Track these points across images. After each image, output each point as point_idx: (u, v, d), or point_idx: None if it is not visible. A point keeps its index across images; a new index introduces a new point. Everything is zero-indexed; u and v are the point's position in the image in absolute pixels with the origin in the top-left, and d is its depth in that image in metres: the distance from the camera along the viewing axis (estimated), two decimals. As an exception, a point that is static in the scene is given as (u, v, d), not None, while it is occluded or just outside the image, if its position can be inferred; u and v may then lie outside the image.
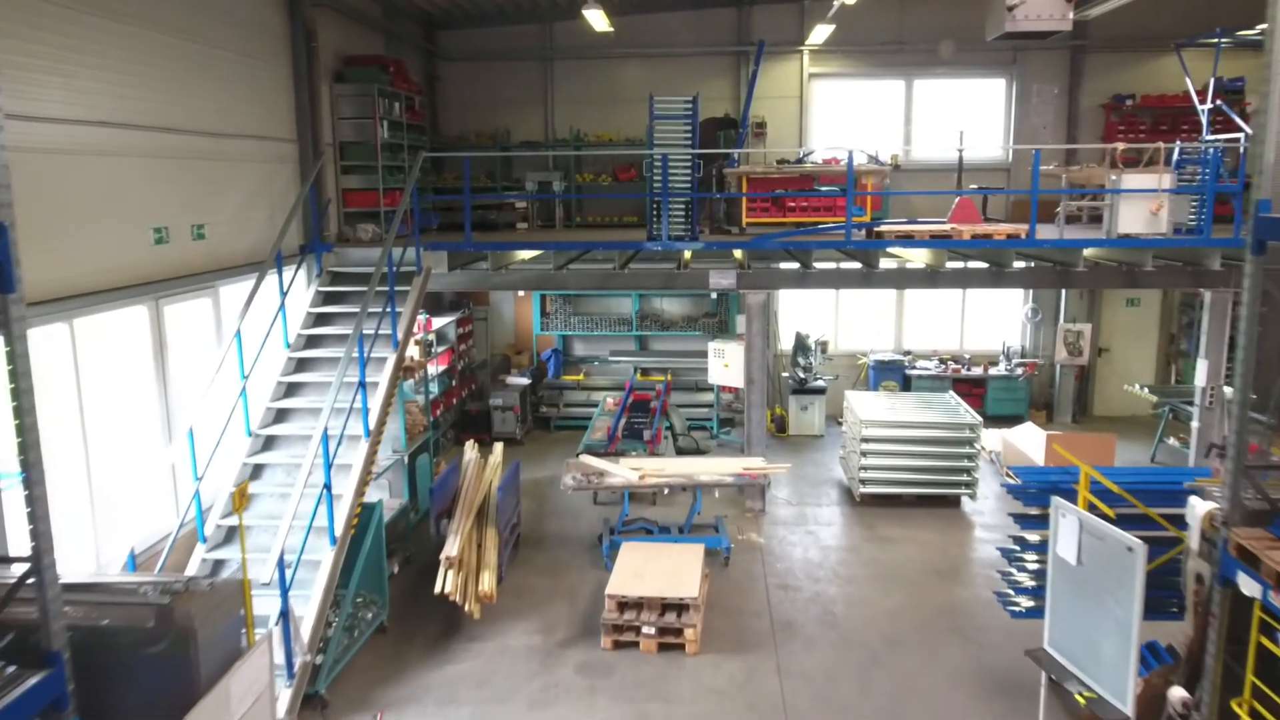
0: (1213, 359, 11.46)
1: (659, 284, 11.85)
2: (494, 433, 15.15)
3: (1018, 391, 15.84)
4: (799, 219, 12.60)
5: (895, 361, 15.92)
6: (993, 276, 11.26)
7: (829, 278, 11.89)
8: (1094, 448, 12.04)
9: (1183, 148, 12.21)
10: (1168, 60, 15.17)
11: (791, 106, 15.68)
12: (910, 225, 11.11)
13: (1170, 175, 10.70)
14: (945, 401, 12.94)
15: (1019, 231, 10.82)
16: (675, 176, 11.03)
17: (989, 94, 15.79)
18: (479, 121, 16.00)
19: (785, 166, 12.82)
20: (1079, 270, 10.95)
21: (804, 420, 15.40)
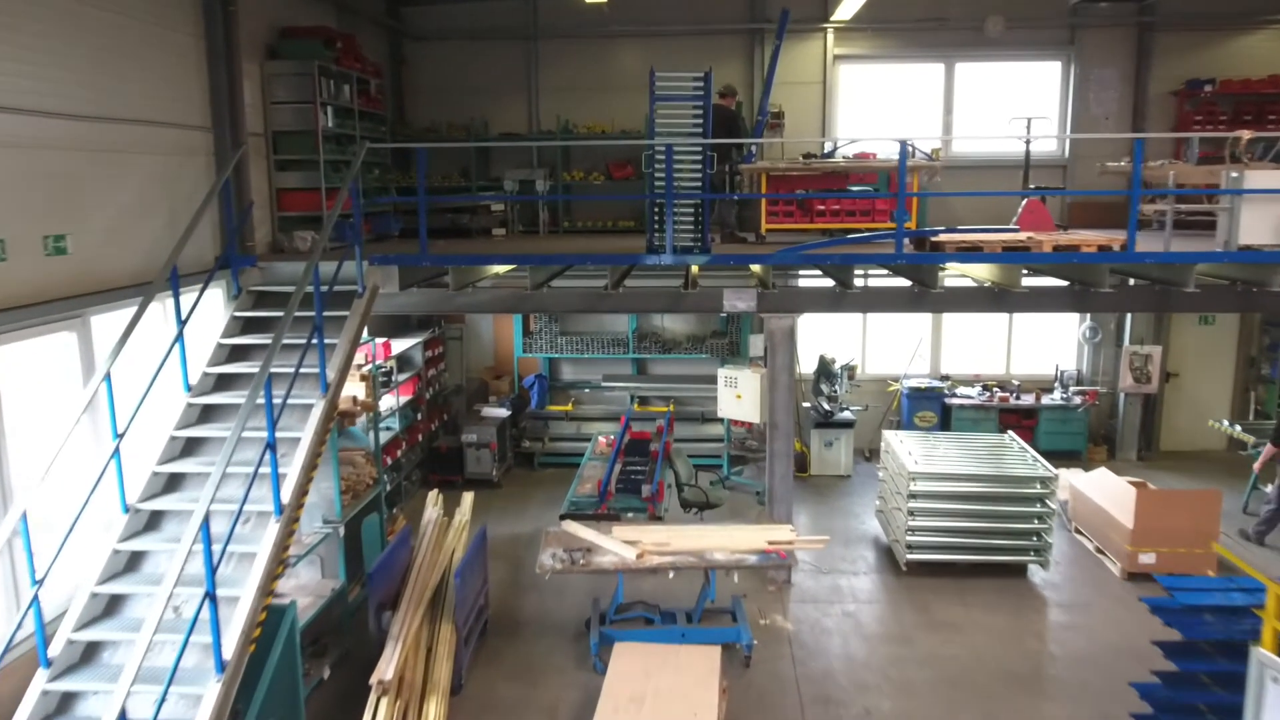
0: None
1: (661, 305, 9.73)
2: (467, 474, 12.97)
3: (1075, 424, 13.65)
4: (829, 224, 10.47)
5: (932, 389, 13.74)
6: (1076, 298, 9.11)
7: (872, 299, 9.72)
8: (1194, 507, 9.89)
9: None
10: (1252, 38, 13.07)
11: (812, 94, 13.50)
12: (977, 234, 8.98)
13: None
14: (1005, 445, 10.77)
15: (1113, 243, 8.69)
16: (681, 173, 8.87)
17: (1043, 79, 13.62)
18: (452, 111, 13.77)
19: (813, 162, 10.69)
20: (1189, 292, 8.80)
21: (828, 458, 13.24)
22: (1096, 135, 13.07)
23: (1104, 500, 10.49)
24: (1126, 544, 9.87)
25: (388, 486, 11.13)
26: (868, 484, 12.97)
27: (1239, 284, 8.98)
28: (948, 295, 9.01)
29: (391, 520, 10.49)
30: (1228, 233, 8.64)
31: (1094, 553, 10.59)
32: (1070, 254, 8.69)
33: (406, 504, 12.09)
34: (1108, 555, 10.34)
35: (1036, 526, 9.77)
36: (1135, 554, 9.82)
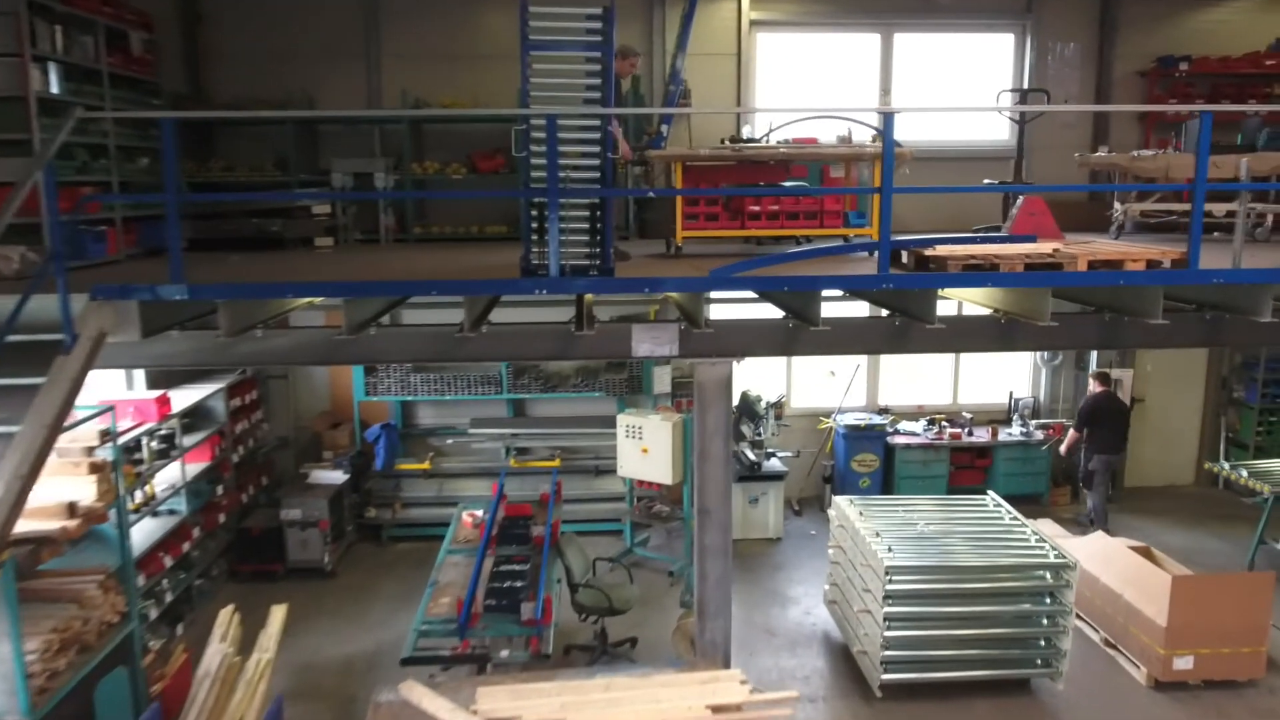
0: None
1: (542, 352, 6.70)
2: (289, 562, 9.69)
3: (1036, 463, 11.32)
4: (766, 231, 7.67)
5: (872, 426, 11.17)
6: (1115, 332, 6.58)
7: (841, 338, 6.91)
8: (1240, 594, 7.53)
9: None
10: (1228, 9, 10.95)
11: (724, 68, 10.71)
12: (988, 245, 6.33)
13: None
14: (990, 512, 8.23)
15: (1166, 257, 6.18)
16: (571, 159, 5.93)
17: (994, 55, 11.20)
18: (267, 83, 10.37)
19: (745, 149, 7.85)
20: (1262, 322, 6.37)
21: (754, 518, 10.48)
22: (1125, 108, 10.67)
23: (1116, 581, 8.02)
24: (1158, 645, 7.42)
25: (149, 615, 7.82)
26: (802, 548, 10.28)
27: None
28: (947, 332, 6.32)
29: (160, 664, 7.15)
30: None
31: (1103, 646, 8.16)
32: (1114, 274, 6.13)
33: (196, 618, 8.70)
34: (1125, 653, 7.87)
35: (1046, 629, 7.25)
36: (1169, 658, 7.39)
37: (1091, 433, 10.41)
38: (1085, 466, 10.60)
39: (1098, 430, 10.37)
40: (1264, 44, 10.61)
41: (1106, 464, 10.41)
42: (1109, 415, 10.38)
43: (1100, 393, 10.45)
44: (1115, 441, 10.39)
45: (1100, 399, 10.41)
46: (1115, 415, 10.41)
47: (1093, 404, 10.42)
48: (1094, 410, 10.40)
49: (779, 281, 6.00)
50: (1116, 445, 10.40)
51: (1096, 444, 10.40)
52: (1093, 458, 10.44)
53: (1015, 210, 7.34)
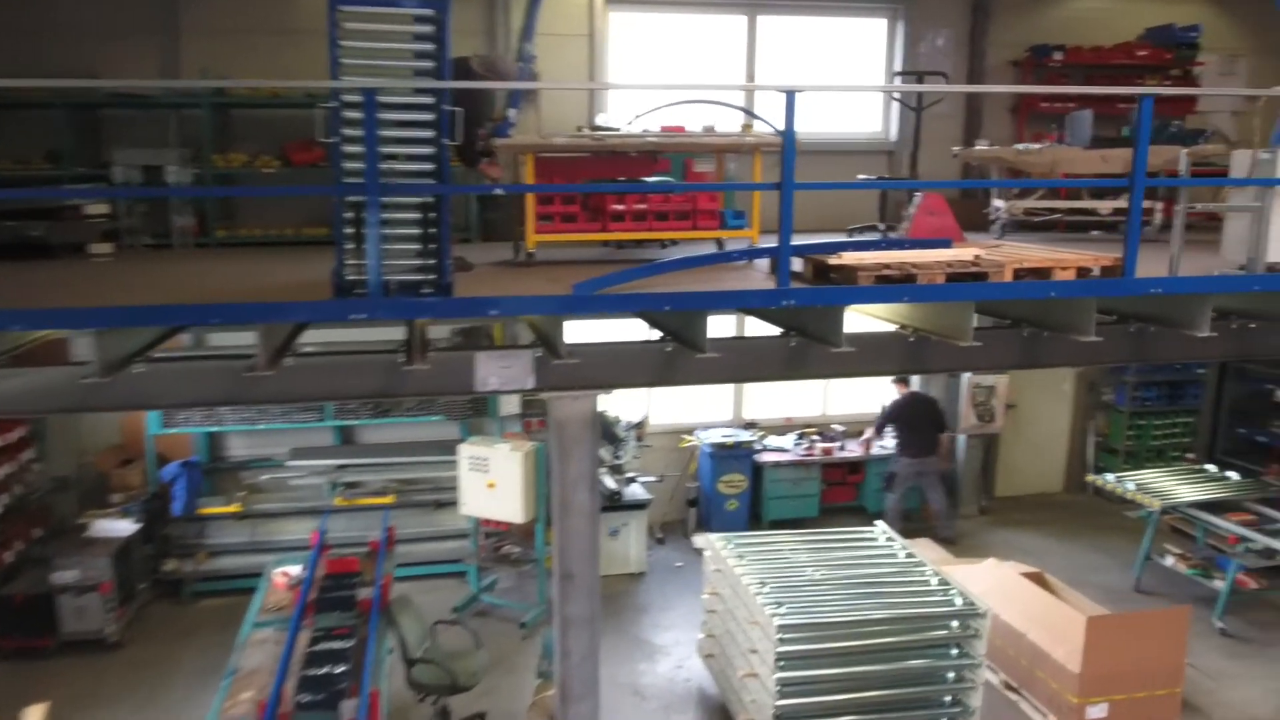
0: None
1: (365, 389, 5.25)
2: (63, 634, 7.79)
3: (911, 477, 10.60)
4: (632, 234, 6.44)
5: (739, 444, 10.15)
6: (1032, 349, 5.68)
7: (731, 364, 5.70)
8: (1157, 633, 6.84)
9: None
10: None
11: (575, 50, 9.39)
12: (902, 253, 5.29)
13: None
14: (877, 546, 7.29)
15: (1096, 264, 5.31)
16: (398, 146, 4.53)
17: (865, 42, 10.26)
18: (43, 62, 8.36)
19: (609, 138, 6.57)
20: (1202, 337, 5.60)
21: (615, 552, 9.18)
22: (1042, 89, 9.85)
23: (1019, 619, 7.18)
24: (1070, 694, 6.60)
25: None
26: (668, 583, 9.13)
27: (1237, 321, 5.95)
28: (855, 355, 5.25)
29: None
30: (1250, 247, 5.52)
31: (1003, 690, 7.34)
32: (1045, 284, 5.21)
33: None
34: (1030, 699, 7.10)
35: (953, 686, 6.33)
36: (1082, 707, 6.61)
37: (898, 436, 9.88)
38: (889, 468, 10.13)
39: (903, 433, 9.84)
40: (1134, 34, 10.15)
41: (911, 469, 9.84)
42: (914, 418, 9.81)
43: (904, 395, 9.86)
44: (921, 446, 9.80)
45: (903, 402, 9.83)
46: (921, 418, 9.83)
47: (895, 407, 9.85)
48: (897, 413, 9.84)
49: (658, 300, 4.76)
50: (922, 450, 9.80)
51: (901, 447, 9.86)
52: (898, 460, 9.90)
53: (913, 209, 6.37)
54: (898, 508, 9.95)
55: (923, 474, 9.91)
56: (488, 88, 6.05)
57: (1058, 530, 10.55)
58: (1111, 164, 8.10)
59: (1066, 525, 10.69)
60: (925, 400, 9.93)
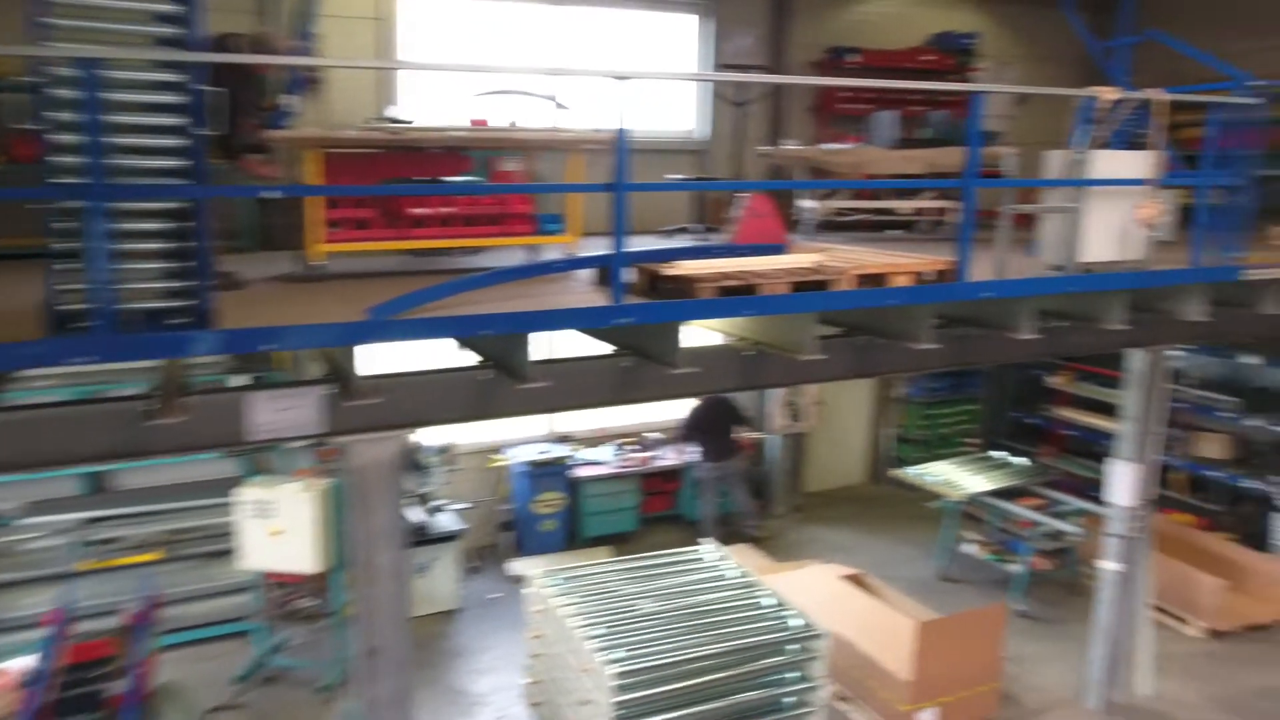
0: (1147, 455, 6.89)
1: (96, 449, 4.09)
2: None
3: (724, 481, 10.23)
4: (435, 239, 5.56)
5: (553, 460, 9.42)
6: (866, 358, 5.30)
7: (557, 392, 4.93)
8: (978, 632, 6.72)
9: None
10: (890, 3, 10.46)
11: (361, 35, 8.28)
12: (740, 261, 4.71)
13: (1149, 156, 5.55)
14: (706, 566, 6.78)
15: (934, 269, 4.98)
16: (133, 138, 3.47)
17: (673, 39, 9.69)
18: None
19: (408, 131, 5.61)
20: (1023, 338, 5.41)
21: (423, 590, 8.11)
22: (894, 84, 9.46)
23: (848, 627, 6.90)
24: (900, 701, 6.39)
25: None
26: (484, 619, 8.24)
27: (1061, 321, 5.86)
28: (696, 375, 4.64)
29: None
30: (1069, 245, 5.39)
31: (834, 702, 7.05)
32: (884, 291, 4.81)
33: None
34: (861, 708, 6.83)
35: (792, 716, 5.90)
36: (913, 714, 6.40)
37: (699, 442, 9.59)
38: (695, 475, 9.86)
39: (702, 439, 9.56)
40: (920, 39, 10.25)
41: (714, 473, 9.58)
42: (712, 424, 9.56)
43: (701, 401, 9.61)
44: (718, 449, 9.55)
45: (701, 408, 9.58)
46: (719, 422, 9.60)
47: (694, 415, 9.57)
48: (697, 421, 9.56)
49: (474, 324, 3.94)
50: (722, 453, 9.56)
51: (702, 453, 9.58)
52: (700, 466, 9.65)
53: (740, 211, 5.89)
54: (713, 513, 9.61)
55: (725, 477, 9.63)
56: (255, 62, 4.98)
57: (865, 524, 10.57)
58: (912, 164, 8.04)
59: (873, 518, 10.74)
60: (722, 403, 9.60)
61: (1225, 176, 5.81)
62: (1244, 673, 7.85)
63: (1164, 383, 6.98)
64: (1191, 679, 7.71)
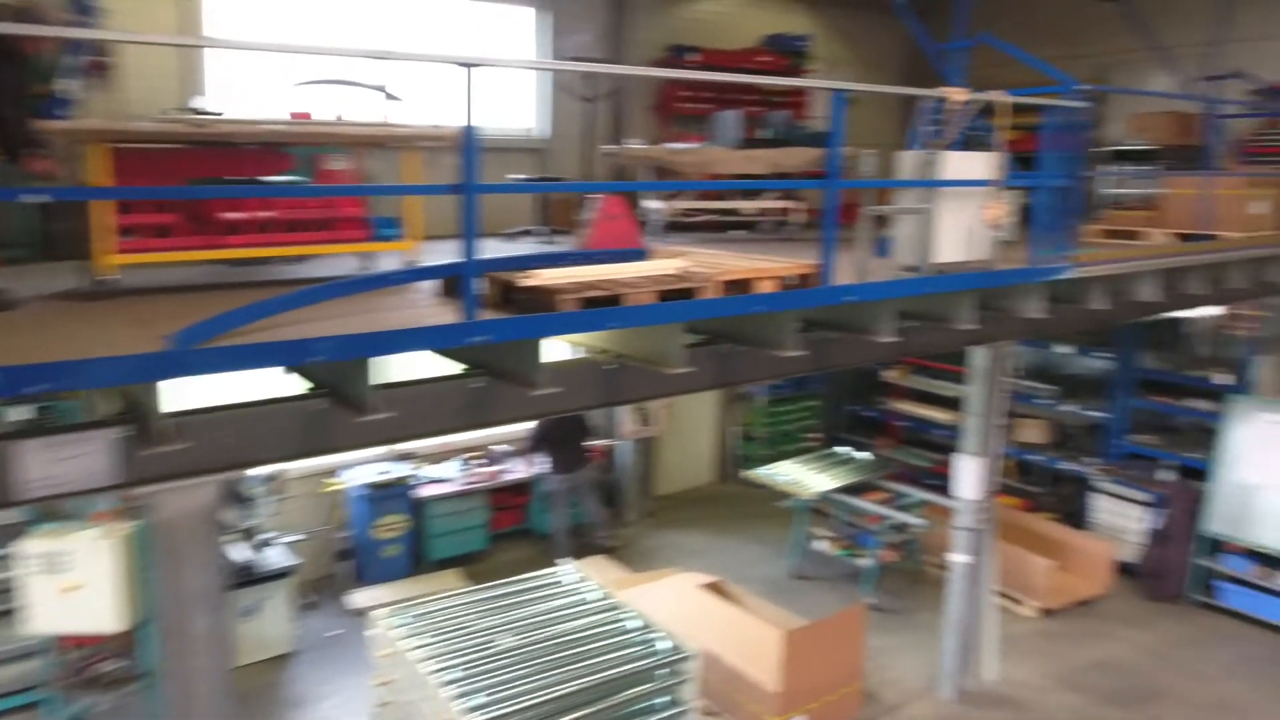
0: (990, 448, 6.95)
1: None
2: None
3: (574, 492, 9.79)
4: (254, 249, 4.84)
5: (394, 480, 8.71)
6: (729, 367, 4.99)
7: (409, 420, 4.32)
8: (841, 635, 6.60)
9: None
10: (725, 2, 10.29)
11: (163, 13, 7.30)
12: (602, 268, 4.27)
13: (994, 157, 5.52)
14: (564, 590, 6.33)
15: (798, 273, 4.73)
16: None
17: (513, 33, 9.10)
18: None
19: (215, 123, 4.84)
20: (883, 341, 5.25)
21: (252, 634, 7.27)
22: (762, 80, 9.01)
23: (714, 640, 6.63)
24: (769, 713, 6.18)
25: None
26: (323, 662, 7.45)
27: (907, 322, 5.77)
28: (557, 395, 4.19)
29: None
30: (922, 248, 5.28)
31: (702, 718, 6.78)
32: (751, 298, 4.52)
33: None
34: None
35: (670, 738, 5.58)
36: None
37: (548, 455, 9.12)
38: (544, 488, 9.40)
39: (551, 450, 9.09)
40: (755, 40, 10.16)
41: (564, 485, 9.14)
42: (561, 435, 9.16)
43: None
44: (568, 461, 9.13)
45: (549, 421, 9.12)
46: (568, 434, 9.22)
47: (541, 428, 9.14)
48: (545, 434, 9.13)
49: (302, 350, 3.34)
50: (571, 465, 9.14)
51: (551, 465, 9.11)
52: (549, 479, 9.20)
53: (592, 214, 5.48)
54: (565, 526, 9.18)
55: (576, 488, 9.21)
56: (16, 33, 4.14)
57: (717, 525, 10.43)
58: (756, 164, 7.90)
59: (724, 519, 10.62)
60: (567, 418, 9.18)
61: (1056, 178, 5.93)
62: (1076, 648, 8.20)
63: (1003, 377, 7.12)
64: (1030, 659, 7.97)
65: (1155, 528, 9.08)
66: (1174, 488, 9.09)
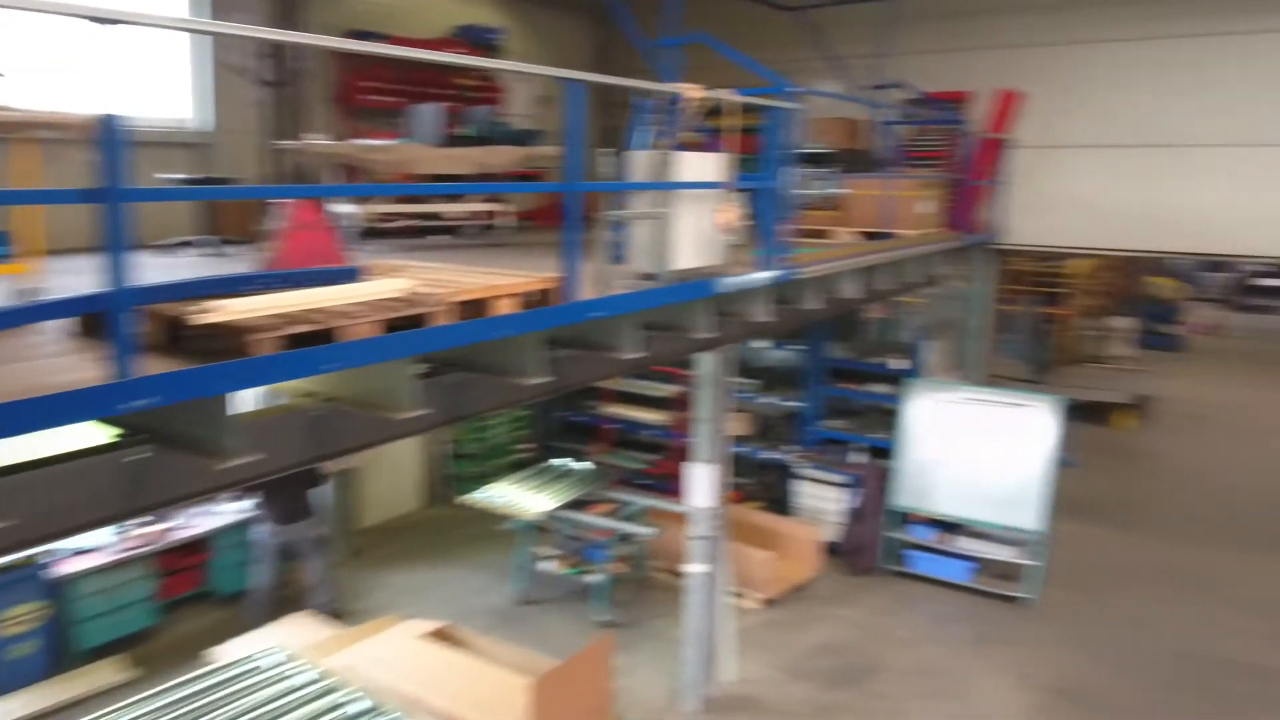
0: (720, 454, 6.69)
1: None
2: None
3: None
4: None
5: (20, 562, 6.67)
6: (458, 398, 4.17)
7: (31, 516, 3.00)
8: (590, 671, 6.00)
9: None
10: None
11: None
12: (307, 295, 3.25)
13: (725, 159, 5.15)
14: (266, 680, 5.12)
15: (541, 287, 4.02)
16: None
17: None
18: None
19: None
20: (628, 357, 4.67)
21: None
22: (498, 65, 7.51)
23: (444, 696, 5.77)
24: (526, 773, 5.49)
25: None
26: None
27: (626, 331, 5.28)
28: (248, 465, 3.15)
29: None
30: (659, 254, 4.79)
31: (445, 787, 5.91)
32: (494, 321, 3.75)
33: None
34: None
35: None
36: (539, 782, 5.52)
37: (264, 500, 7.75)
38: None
39: (266, 496, 7.72)
40: (446, 29, 9.25)
41: (276, 539, 7.79)
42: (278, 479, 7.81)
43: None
44: (286, 510, 7.78)
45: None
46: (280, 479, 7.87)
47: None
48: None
49: None
50: (287, 515, 7.79)
51: (266, 513, 7.74)
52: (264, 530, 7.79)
53: (280, 223, 4.39)
54: (266, 587, 7.77)
55: (293, 543, 7.77)
56: None
57: (432, 556, 9.46)
58: (460, 163, 7.11)
59: (439, 548, 9.67)
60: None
61: (773, 180, 5.79)
62: (799, 635, 8.34)
63: (728, 380, 6.96)
64: (761, 652, 7.97)
65: (852, 506, 9.57)
66: (865, 468, 9.64)
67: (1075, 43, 9.50)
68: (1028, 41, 9.73)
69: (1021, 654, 8.10)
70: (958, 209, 9.30)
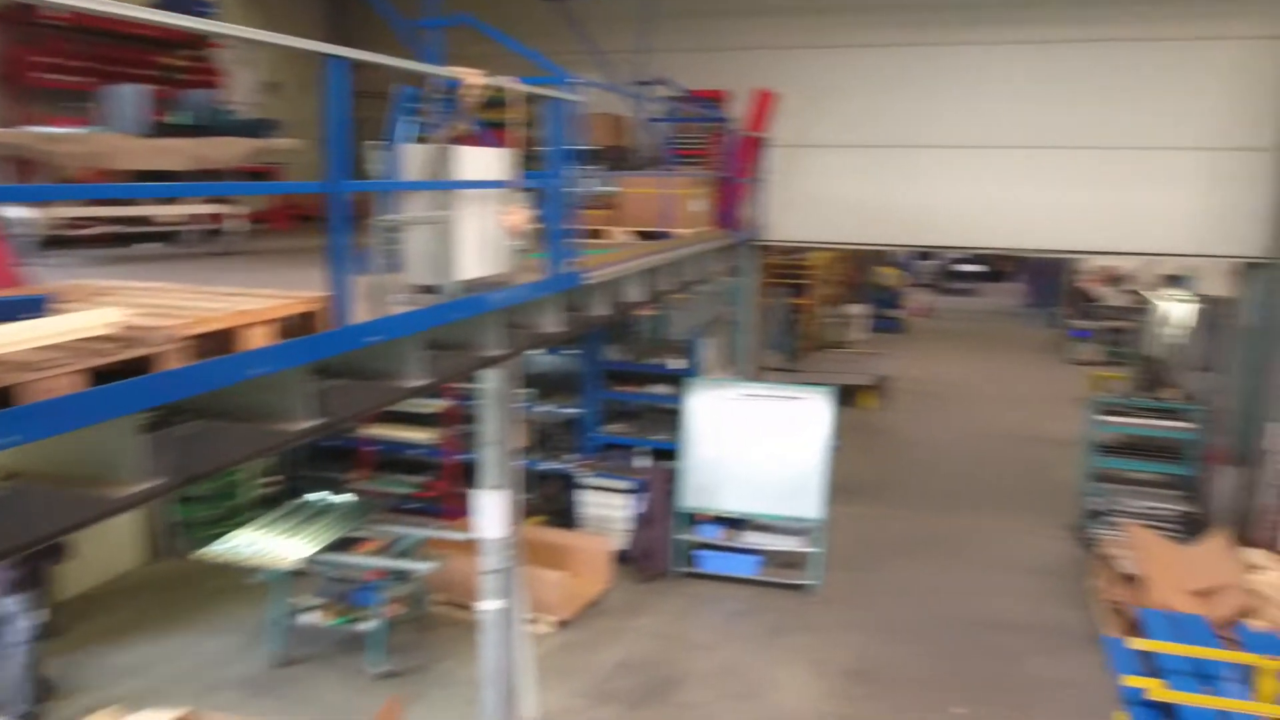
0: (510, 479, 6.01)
1: None
2: None
3: None
4: None
5: None
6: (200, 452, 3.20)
7: None
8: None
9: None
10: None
11: None
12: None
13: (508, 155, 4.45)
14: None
15: (306, 310, 3.15)
16: None
17: None
18: None
19: None
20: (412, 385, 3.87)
21: None
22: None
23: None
24: None
25: None
26: None
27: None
28: None
29: None
30: (441, 264, 4.03)
31: None
32: (246, 357, 2.87)
33: None
34: None
35: None
36: None
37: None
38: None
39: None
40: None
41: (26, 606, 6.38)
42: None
43: None
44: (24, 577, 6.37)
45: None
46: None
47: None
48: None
49: None
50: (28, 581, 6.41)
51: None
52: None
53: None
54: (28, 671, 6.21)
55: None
56: None
57: (160, 623, 7.96)
58: (173, 157, 5.88)
59: (168, 612, 8.14)
60: None
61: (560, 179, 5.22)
62: (596, 655, 7.86)
63: (514, 395, 6.30)
64: (561, 679, 7.40)
65: (639, 512, 9.23)
66: (651, 471, 9.34)
67: (825, 46, 9.75)
68: (781, 44, 9.86)
69: (813, 641, 8.15)
70: (724, 207, 9.23)
